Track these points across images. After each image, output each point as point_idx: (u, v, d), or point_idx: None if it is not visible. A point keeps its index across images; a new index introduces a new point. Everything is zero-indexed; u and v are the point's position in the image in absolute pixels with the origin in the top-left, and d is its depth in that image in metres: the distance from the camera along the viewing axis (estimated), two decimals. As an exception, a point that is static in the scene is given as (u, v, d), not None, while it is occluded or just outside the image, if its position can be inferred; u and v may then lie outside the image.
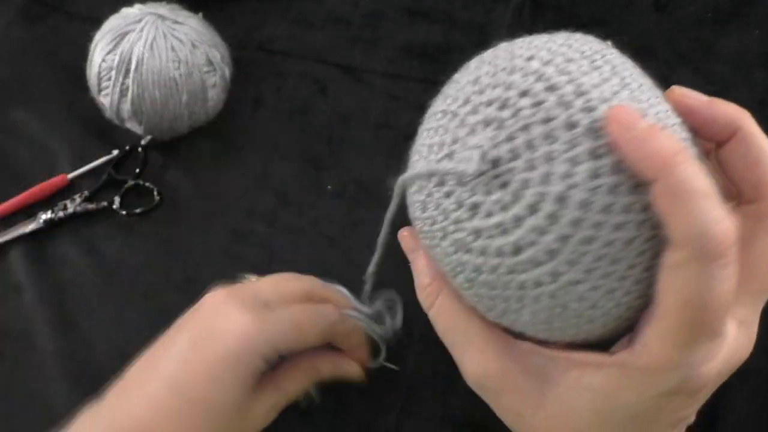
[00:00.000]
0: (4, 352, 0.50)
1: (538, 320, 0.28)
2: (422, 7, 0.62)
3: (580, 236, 0.25)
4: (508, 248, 0.26)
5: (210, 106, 0.55)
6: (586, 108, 0.26)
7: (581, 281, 0.26)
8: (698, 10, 0.57)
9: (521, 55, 0.28)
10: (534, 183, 0.26)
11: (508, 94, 0.27)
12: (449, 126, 0.29)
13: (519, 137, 0.26)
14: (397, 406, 0.45)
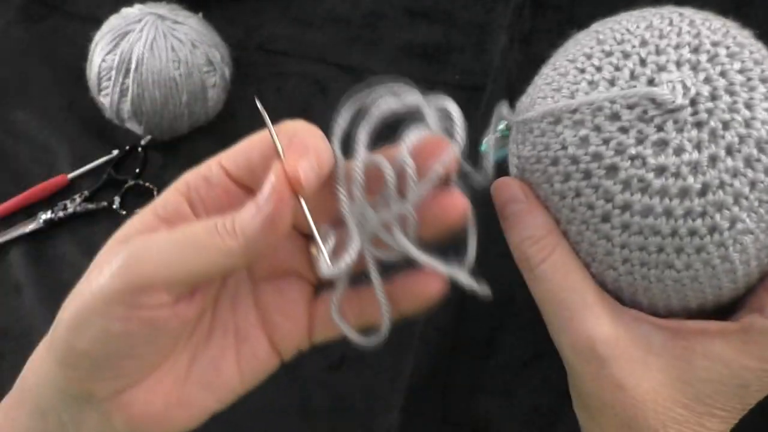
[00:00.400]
0: (4, 352, 0.50)
1: (661, 279, 0.27)
2: (422, 7, 0.62)
3: (746, 203, 0.25)
4: (697, 188, 0.25)
5: (210, 106, 0.55)
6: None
7: (752, 231, 0.26)
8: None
9: (630, 27, 0.29)
10: (735, 125, 0.26)
11: (698, 41, 0.28)
12: (620, 63, 0.28)
13: (719, 80, 0.26)
14: (397, 406, 0.45)
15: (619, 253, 0.27)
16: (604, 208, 0.27)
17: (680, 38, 0.28)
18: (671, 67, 0.27)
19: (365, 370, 0.45)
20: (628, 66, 0.27)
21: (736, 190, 0.25)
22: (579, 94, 0.28)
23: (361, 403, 0.45)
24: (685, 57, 0.27)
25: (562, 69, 0.29)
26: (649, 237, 0.26)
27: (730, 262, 0.26)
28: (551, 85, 0.29)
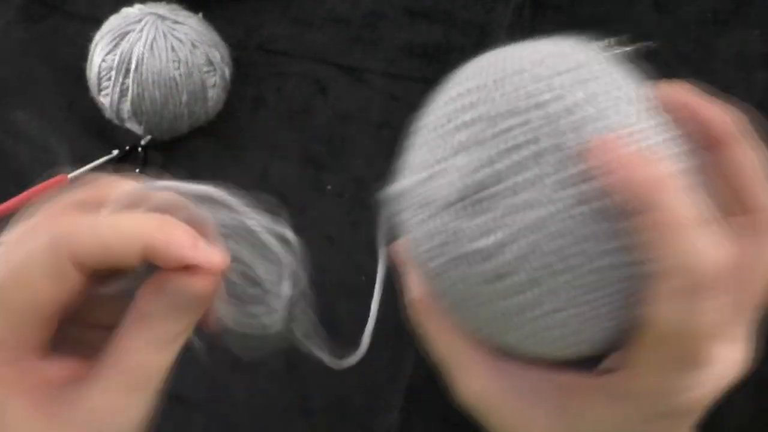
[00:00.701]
0: (4, 352, 0.50)
1: (523, 343, 0.27)
2: (422, 7, 0.62)
3: (563, 265, 0.24)
4: (491, 275, 0.25)
5: (210, 106, 0.55)
6: (576, 127, 0.24)
7: (564, 309, 0.25)
8: (698, 10, 0.57)
9: (510, 68, 0.26)
10: (517, 209, 0.25)
11: (493, 111, 0.26)
12: (433, 144, 0.27)
13: (503, 160, 0.25)
14: (397, 406, 0.45)
15: (466, 323, 0.28)
16: (437, 286, 0.28)
17: (477, 111, 0.26)
18: (462, 149, 0.26)
19: (365, 370, 0.45)
20: (430, 154, 0.28)
21: (528, 275, 0.25)
22: (404, 176, 0.29)
23: (361, 403, 0.45)
24: (475, 136, 0.26)
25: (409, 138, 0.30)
26: (477, 314, 0.27)
27: (558, 333, 0.26)
28: (405, 157, 0.30)
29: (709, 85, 0.56)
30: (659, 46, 0.56)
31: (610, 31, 0.58)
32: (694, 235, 0.22)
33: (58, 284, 0.24)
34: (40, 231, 0.25)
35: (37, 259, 0.24)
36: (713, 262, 0.22)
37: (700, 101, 0.27)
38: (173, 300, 0.25)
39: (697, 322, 0.23)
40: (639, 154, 0.24)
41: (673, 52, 0.56)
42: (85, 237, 0.24)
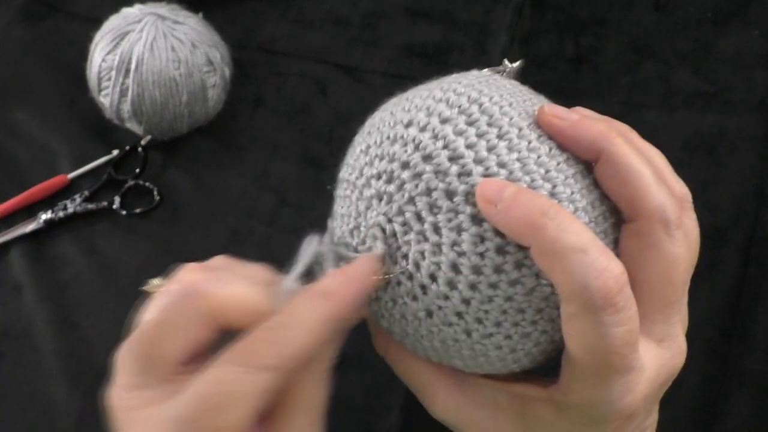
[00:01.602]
0: (4, 352, 0.50)
1: (469, 365, 0.29)
2: (422, 7, 0.62)
3: (479, 297, 0.27)
4: (422, 315, 0.28)
5: (210, 106, 0.55)
6: (463, 173, 0.26)
7: (494, 334, 0.27)
8: (698, 10, 0.57)
9: (401, 120, 0.29)
10: (428, 254, 0.27)
11: (392, 166, 0.28)
12: (351, 198, 0.30)
13: (408, 210, 0.27)
14: (397, 406, 0.45)
15: (417, 352, 0.30)
16: (383, 324, 0.30)
17: (380, 165, 0.29)
18: (374, 204, 0.29)
19: (365, 370, 0.45)
20: (351, 207, 0.30)
21: (453, 309, 0.27)
22: (335, 227, 0.31)
23: (361, 403, 0.45)
24: (382, 190, 0.28)
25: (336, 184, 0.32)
26: (422, 345, 0.30)
27: (495, 355, 0.28)
28: (334, 203, 0.32)
29: (709, 85, 0.57)
30: (659, 46, 0.56)
31: (610, 31, 0.58)
32: (584, 257, 0.24)
33: (271, 393, 0.24)
34: (251, 361, 0.25)
35: (250, 389, 0.24)
36: (607, 281, 0.24)
37: (572, 123, 0.27)
38: (334, 336, 0.27)
39: (606, 337, 0.24)
40: (518, 191, 0.25)
41: (673, 52, 0.56)
42: (297, 350, 0.25)
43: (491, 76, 0.31)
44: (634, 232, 0.27)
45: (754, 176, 0.49)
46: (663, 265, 0.27)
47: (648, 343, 0.27)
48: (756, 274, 0.46)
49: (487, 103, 0.28)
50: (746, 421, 0.42)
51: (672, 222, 0.26)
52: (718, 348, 0.44)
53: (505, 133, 0.27)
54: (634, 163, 0.27)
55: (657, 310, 0.27)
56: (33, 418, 0.48)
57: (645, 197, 0.26)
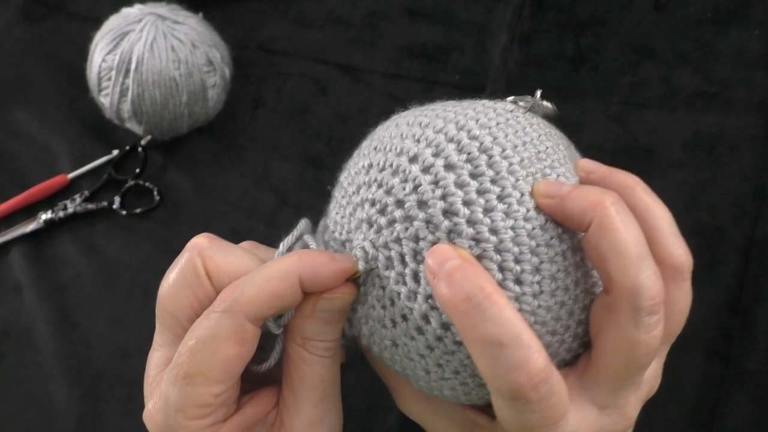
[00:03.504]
0: (4, 352, 0.50)
1: (426, 392, 0.30)
2: (422, 7, 0.62)
3: (443, 348, 0.27)
4: (388, 342, 0.29)
5: (210, 106, 0.55)
6: (453, 231, 0.26)
7: (450, 378, 0.28)
8: (698, 10, 0.57)
9: (408, 151, 0.28)
10: (403, 296, 0.27)
11: (388, 199, 0.28)
12: (346, 210, 0.30)
13: (393, 248, 0.27)
14: (396, 406, 0.45)
15: (393, 367, 0.31)
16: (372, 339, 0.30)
17: (377, 192, 0.28)
18: (363, 227, 0.29)
19: (365, 370, 0.45)
20: (344, 219, 0.30)
21: (416, 350, 0.28)
22: (326, 227, 0.32)
23: (361, 403, 0.45)
24: (373, 218, 0.28)
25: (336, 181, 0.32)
26: (387, 362, 0.31)
27: (450, 394, 0.29)
28: (331, 203, 0.32)
29: (709, 85, 0.57)
30: (659, 46, 0.56)
31: (609, 30, 0.58)
32: (498, 352, 0.24)
33: (243, 343, 0.27)
34: (214, 306, 0.28)
35: (222, 330, 0.27)
36: (516, 377, 0.24)
37: (561, 200, 0.27)
38: (326, 318, 0.29)
39: (521, 420, 0.25)
40: (457, 269, 0.25)
41: (673, 52, 0.56)
42: (253, 295, 0.27)
43: (514, 116, 0.29)
44: (605, 303, 0.27)
45: (754, 176, 0.49)
46: (622, 345, 0.26)
47: (589, 407, 0.27)
48: (756, 274, 0.46)
49: (497, 156, 0.27)
50: (746, 421, 0.42)
51: (643, 309, 0.25)
52: (718, 348, 0.44)
53: (507, 195, 0.27)
54: (618, 238, 0.26)
55: (606, 380, 0.27)
56: (33, 418, 0.48)
57: (621, 276, 0.25)
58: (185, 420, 0.27)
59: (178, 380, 0.27)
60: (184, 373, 0.27)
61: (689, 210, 0.49)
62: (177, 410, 0.27)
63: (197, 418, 0.27)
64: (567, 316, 0.27)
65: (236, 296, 0.27)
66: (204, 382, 0.27)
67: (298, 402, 0.30)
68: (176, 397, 0.27)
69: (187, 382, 0.27)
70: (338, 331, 0.30)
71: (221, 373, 0.27)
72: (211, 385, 0.27)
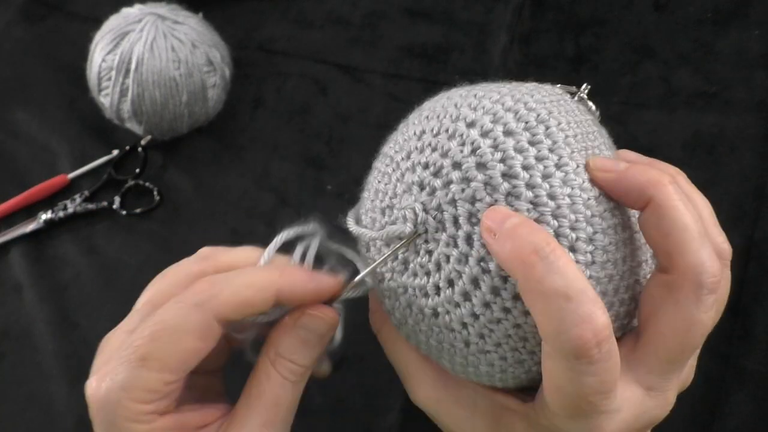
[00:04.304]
0: (4, 352, 0.50)
1: (456, 370, 0.30)
2: (422, 7, 0.62)
3: (489, 316, 0.26)
4: (428, 311, 0.28)
5: (210, 106, 0.55)
6: (512, 194, 0.26)
7: (490, 352, 0.27)
8: (698, 10, 0.57)
9: (465, 117, 0.28)
10: (453, 260, 0.27)
11: (443, 162, 0.27)
12: (392, 177, 0.30)
13: (447, 210, 0.27)
14: (397, 406, 0.45)
15: (410, 340, 0.31)
16: (385, 305, 0.30)
17: (431, 155, 0.28)
18: (414, 190, 0.28)
19: (365, 370, 0.45)
20: (389, 186, 0.30)
21: (459, 318, 0.27)
22: (367, 198, 0.32)
23: (361, 403, 0.45)
24: (426, 180, 0.28)
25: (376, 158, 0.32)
26: (417, 337, 0.30)
27: (485, 370, 0.28)
28: (369, 177, 0.32)
29: (709, 85, 0.57)
30: (659, 46, 0.56)
31: (610, 31, 0.58)
32: (568, 304, 0.23)
33: (205, 340, 0.28)
34: (186, 296, 0.28)
35: (189, 323, 0.27)
36: (586, 332, 0.23)
37: (619, 175, 0.27)
38: (304, 337, 0.29)
39: (576, 383, 0.24)
40: (520, 225, 0.25)
41: (673, 52, 0.56)
42: (229, 297, 0.28)
43: (563, 98, 0.30)
44: (664, 282, 0.26)
45: (754, 176, 0.49)
46: (680, 325, 0.26)
47: (635, 388, 0.27)
48: (756, 274, 0.46)
49: (553, 128, 0.27)
50: (746, 421, 0.42)
51: (705, 286, 0.25)
52: (718, 348, 0.44)
53: (564, 164, 0.26)
54: (681, 216, 0.26)
55: (657, 361, 0.27)
56: (33, 418, 0.48)
57: (684, 254, 0.25)
58: (128, 400, 0.27)
59: (132, 360, 0.27)
60: (141, 355, 0.27)
61: (689, 210, 0.49)
62: (122, 389, 0.27)
63: (140, 402, 0.27)
64: (613, 292, 0.27)
65: (212, 294, 0.28)
66: (158, 368, 0.27)
67: (248, 417, 0.29)
68: (125, 375, 0.27)
69: (141, 364, 0.27)
70: (311, 358, 0.30)
71: (177, 363, 0.27)
72: (165, 372, 0.27)
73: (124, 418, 0.27)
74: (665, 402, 0.28)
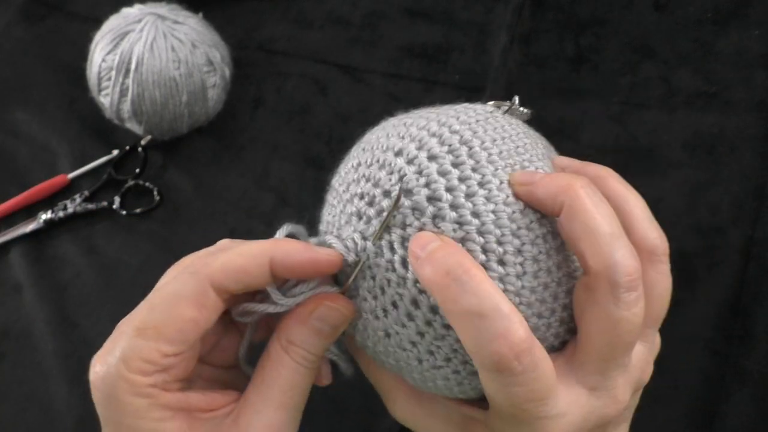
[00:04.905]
0: (4, 352, 0.50)
1: (420, 386, 0.31)
2: (422, 7, 0.62)
3: (433, 333, 0.27)
4: (381, 333, 0.29)
5: (210, 106, 0.55)
6: (437, 216, 0.27)
7: (442, 366, 0.28)
8: (698, 10, 0.57)
9: (393, 146, 0.29)
10: (393, 283, 0.28)
11: (375, 191, 0.29)
12: (337, 208, 0.31)
13: (382, 237, 0.28)
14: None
15: (387, 362, 0.31)
16: (365, 333, 0.31)
17: (365, 186, 0.29)
18: (353, 220, 0.29)
19: (365, 370, 0.45)
20: (335, 217, 0.31)
21: (408, 337, 0.28)
22: (322, 222, 0.33)
23: (361, 403, 0.45)
24: (362, 210, 0.29)
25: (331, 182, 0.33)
26: (378, 357, 0.31)
27: (443, 384, 0.29)
28: (326, 200, 0.33)
29: (709, 85, 0.57)
30: (659, 46, 0.56)
31: (609, 30, 0.58)
32: (479, 323, 0.24)
33: (201, 309, 0.28)
34: (183, 268, 0.29)
35: (184, 289, 0.28)
36: (498, 347, 0.24)
37: (533, 186, 0.27)
38: (318, 328, 0.29)
39: (506, 394, 0.25)
40: (439, 248, 0.26)
41: (673, 52, 0.56)
42: (222, 264, 0.28)
43: (493, 115, 0.31)
44: (585, 284, 0.27)
45: (754, 176, 0.49)
46: (603, 324, 0.26)
47: (578, 389, 0.27)
48: (756, 274, 0.46)
49: (476, 147, 0.28)
50: (746, 421, 0.42)
51: (620, 285, 0.26)
52: (718, 348, 0.44)
53: (487, 182, 0.27)
54: (589, 218, 0.26)
55: (592, 361, 0.27)
56: (33, 418, 0.48)
57: (596, 255, 0.26)
58: (126, 371, 0.27)
59: (129, 331, 0.27)
60: (138, 324, 0.27)
61: (689, 210, 0.49)
62: (121, 359, 0.27)
63: (139, 373, 0.27)
64: (552, 299, 0.28)
65: (206, 262, 0.28)
66: (154, 337, 0.27)
67: (263, 402, 0.29)
68: (124, 345, 0.27)
69: (138, 333, 0.27)
70: (324, 347, 0.30)
71: (174, 333, 0.27)
72: (161, 341, 0.27)
73: (124, 390, 0.27)
74: (614, 400, 0.28)
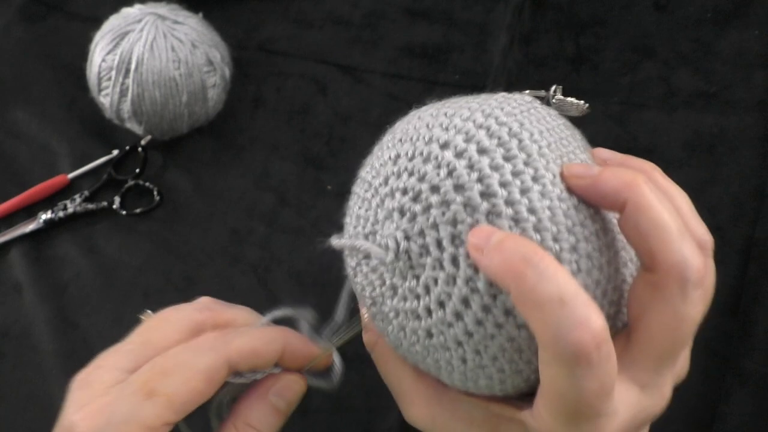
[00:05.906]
0: (4, 352, 0.50)
1: (456, 385, 0.30)
2: (422, 7, 0.62)
3: (483, 333, 0.27)
4: (422, 333, 0.28)
5: (210, 106, 0.55)
6: (492, 212, 0.26)
7: (488, 366, 0.27)
8: (698, 10, 0.57)
9: (438, 138, 0.28)
10: (441, 282, 0.27)
11: (421, 186, 0.27)
12: (371, 203, 0.30)
13: (429, 234, 0.27)
14: (396, 406, 0.45)
15: (406, 359, 0.31)
16: (379, 327, 0.31)
17: (408, 180, 0.28)
18: (395, 216, 0.28)
19: (365, 370, 0.45)
20: (369, 212, 0.30)
21: (454, 337, 0.27)
22: (349, 224, 0.32)
23: (361, 403, 0.45)
24: (406, 206, 0.28)
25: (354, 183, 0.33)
26: (413, 357, 0.30)
27: (484, 383, 0.28)
28: (349, 203, 0.33)
29: (709, 85, 0.57)
30: (659, 46, 0.56)
31: (609, 30, 0.58)
32: (561, 310, 0.23)
33: (210, 384, 0.28)
34: (200, 341, 0.30)
35: (201, 362, 0.28)
36: (582, 336, 0.23)
37: (593, 181, 0.27)
38: (276, 405, 0.31)
39: (576, 388, 0.24)
40: (506, 238, 0.25)
41: (673, 52, 0.56)
42: (241, 345, 0.30)
43: (533, 105, 0.30)
44: (649, 281, 0.26)
45: (754, 176, 0.49)
46: (669, 322, 0.26)
47: (630, 387, 0.27)
48: (756, 274, 0.46)
49: (527, 140, 0.27)
50: (746, 421, 0.42)
51: (690, 282, 0.25)
52: (718, 348, 0.44)
53: (541, 176, 0.26)
54: (658, 215, 0.25)
55: (649, 359, 0.27)
56: (33, 418, 0.48)
57: (666, 252, 0.25)
58: None
59: (138, 393, 0.27)
60: (150, 390, 0.27)
61: (689, 210, 0.49)
62: (122, 422, 0.26)
63: None
64: (601, 296, 0.27)
65: (227, 340, 0.29)
66: (163, 405, 0.27)
67: None
68: (128, 409, 0.27)
69: (148, 398, 0.27)
70: (277, 427, 0.31)
71: (182, 404, 0.27)
72: (168, 410, 0.27)
73: None
74: (661, 398, 0.28)
